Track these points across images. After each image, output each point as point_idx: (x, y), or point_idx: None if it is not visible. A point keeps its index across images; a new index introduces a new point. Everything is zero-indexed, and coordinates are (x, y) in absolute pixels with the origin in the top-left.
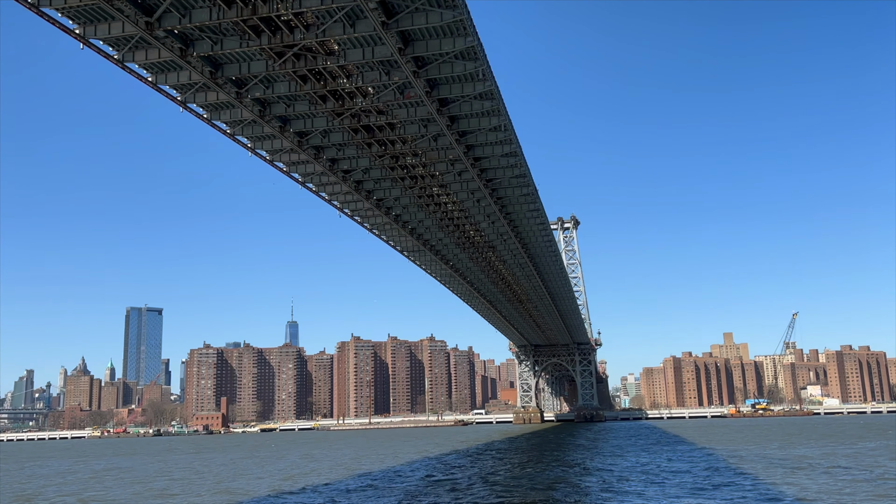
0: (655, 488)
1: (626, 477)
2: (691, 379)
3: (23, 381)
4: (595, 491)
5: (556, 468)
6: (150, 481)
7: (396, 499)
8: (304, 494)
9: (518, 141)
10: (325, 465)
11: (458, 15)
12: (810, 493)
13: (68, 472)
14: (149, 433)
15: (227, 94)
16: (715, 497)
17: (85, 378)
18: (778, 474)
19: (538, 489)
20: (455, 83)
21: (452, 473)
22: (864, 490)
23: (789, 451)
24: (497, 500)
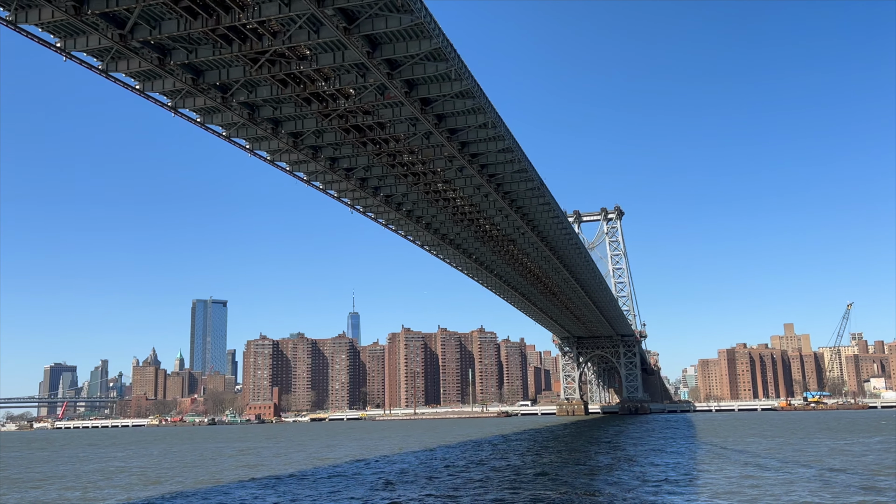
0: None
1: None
2: (745, 371)
3: (98, 371)
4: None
5: (513, 459)
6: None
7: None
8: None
9: (513, 137)
10: (299, 458)
11: (416, 19)
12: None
13: (72, 460)
14: (203, 422)
15: (212, 100)
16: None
17: (150, 368)
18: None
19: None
20: (433, 83)
21: (417, 467)
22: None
23: (785, 447)
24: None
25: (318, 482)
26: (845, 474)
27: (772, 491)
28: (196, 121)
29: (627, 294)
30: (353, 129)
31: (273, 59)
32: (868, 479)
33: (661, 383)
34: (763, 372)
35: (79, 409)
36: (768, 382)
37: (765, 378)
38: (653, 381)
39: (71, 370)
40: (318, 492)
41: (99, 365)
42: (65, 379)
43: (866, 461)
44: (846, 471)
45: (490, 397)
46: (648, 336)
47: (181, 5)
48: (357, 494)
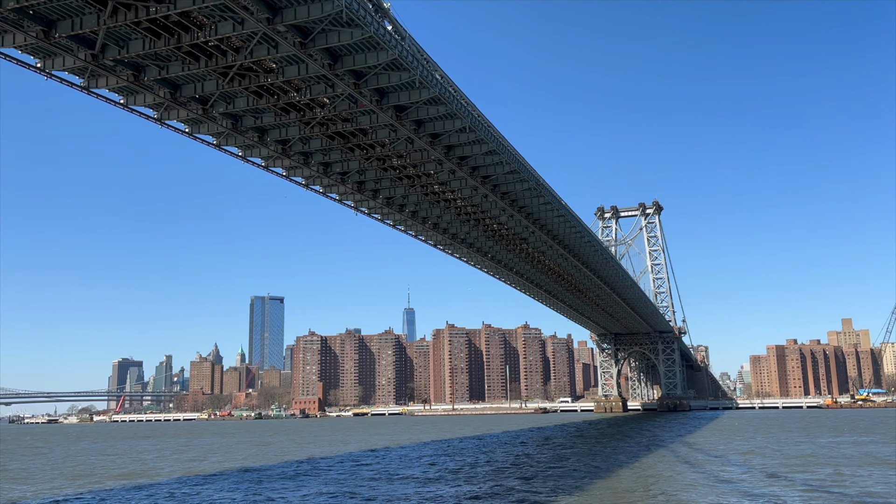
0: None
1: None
2: (796, 368)
3: (163, 366)
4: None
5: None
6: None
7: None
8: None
9: (497, 139)
10: (273, 452)
11: (367, 32)
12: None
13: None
14: (251, 416)
15: (193, 112)
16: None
17: (207, 364)
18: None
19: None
20: (403, 91)
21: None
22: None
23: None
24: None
25: (222, 483)
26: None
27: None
28: (184, 131)
29: (666, 290)
30: (337, 135)
31: (242, 73)
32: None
33: (708, 379)
34: (815, 368)
35: (145, 402)
36: (820, 379)
37: (816, 375)
38: (699, 377)
39: (138, 365)
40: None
41: (164, 360)
42: (132, 374)
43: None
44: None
45: (535, 393)
46: (698, 332)
47: (143, 27)
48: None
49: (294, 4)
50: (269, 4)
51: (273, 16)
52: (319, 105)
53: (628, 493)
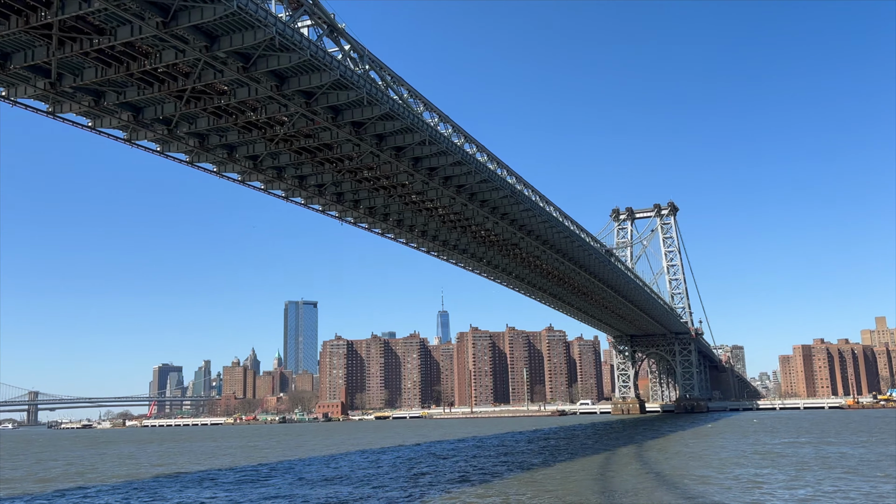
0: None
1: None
2: (823, 367)
3: (202, 371)
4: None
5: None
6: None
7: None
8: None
9: (462, 150)
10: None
11: (303, 56)
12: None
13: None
14: (275, 420)
15: (159, 133)
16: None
17: (239, 369)
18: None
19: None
20: (356, 108)
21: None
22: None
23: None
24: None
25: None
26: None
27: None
28: (156, 150)
29: (683, 291)
30: (304, 150)
31: (197, 96)
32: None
33: (735, 380)
34: (843, 368)
35: (185, 406)
36: (848, 379)
37: (844, 374)
38: (724, 377)
39: (177, 370)
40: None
41: (202, 365)
42: (172, 379)
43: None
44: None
45: (559, 396)
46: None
47: (92, 56)
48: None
49: (230, 33)
50: (206, 33)
51: (211, 44)
52: (279, 123)
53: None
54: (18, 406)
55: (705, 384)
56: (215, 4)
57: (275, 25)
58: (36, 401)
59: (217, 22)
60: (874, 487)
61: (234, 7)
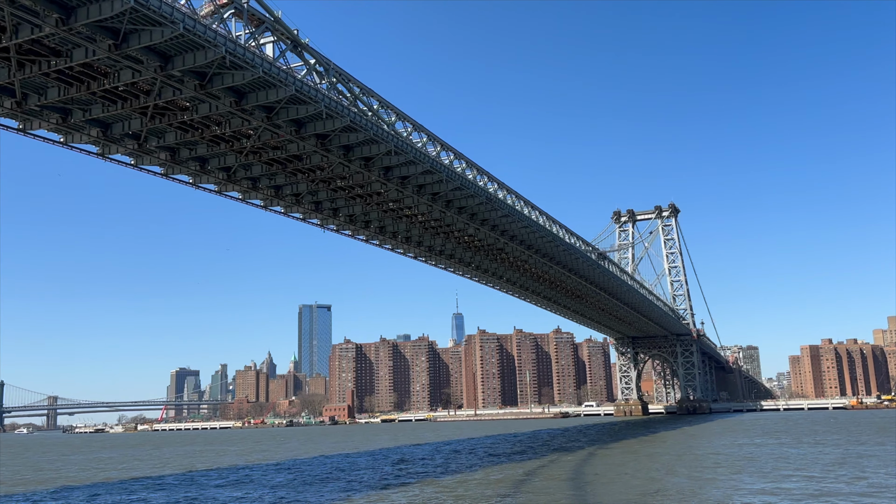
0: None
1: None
2: (831, 368)
3: (218, 375)
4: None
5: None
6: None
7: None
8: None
9: (432, 158)
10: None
11: (256, 73)
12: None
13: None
14: (282, 424)
15: (130, 148)
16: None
17: (251, 372)
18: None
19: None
20: (318, 121)
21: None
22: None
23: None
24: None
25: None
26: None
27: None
28: (130, 164)
29: (684, 292)
30: (275, 162)
31: (161, 112)
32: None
33: (743, 381)
34: (851, 368)
35: (202, 410)
36: (857, 379)
37: (853, 375)
38: (731, 378)
39: (194, 374)
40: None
41: (219, 369)
42: (189, 383)
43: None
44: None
45: (567, 398)
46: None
47: (53, 77)
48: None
49: (182, 53)
50: (159, 54)
51: (165, 63)
52: (245, 136)
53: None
54: (38, 411)
55: (710, 385)
56: (163, 27)
57: (224, 45)
58: (55, 405)
59: (167, 43)
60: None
61: (180, 30)
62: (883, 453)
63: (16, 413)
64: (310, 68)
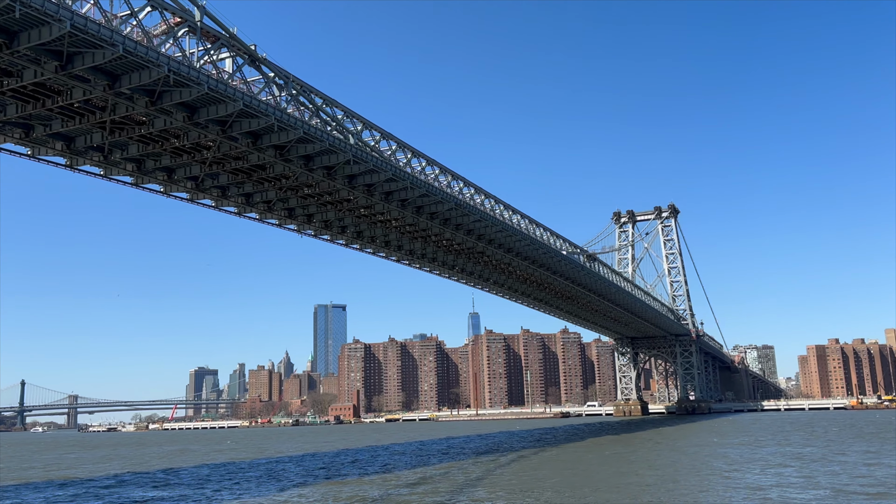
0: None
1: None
2: (837, 368)
3: (236, 374)
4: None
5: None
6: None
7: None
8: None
9: (395, 166)
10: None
11: (202, 90)
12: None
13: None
14: (288, 423)
15: (93, 160)
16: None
17: (264, 372)
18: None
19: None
20: (273, 133)
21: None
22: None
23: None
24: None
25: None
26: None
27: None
28: (100, 175)
29: (684, 292)
30: (240, 171)
31: (120, 126)
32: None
33: (748, 380)
34: (858, 368)
35: (220, 409)
36: (865, 379)
37: (860, 375)
38: (737, 378)
39: (213, 373)
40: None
41: (237, 368)
42: (207, 382)
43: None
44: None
45: (574, 398)
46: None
47: (8, 95)
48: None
49: (129, 72)
50: (106, 73)
51: (113, 82)
52: (205, 147)
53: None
54: (58, 409)
55: (713, 385)
56: (104, 50)
57: (167, 65)
58: (75, 404)
59: (112, 63)
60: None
61: (120, 51)
62: (817, 458)
63: (37, 411)
64: (268, 81)
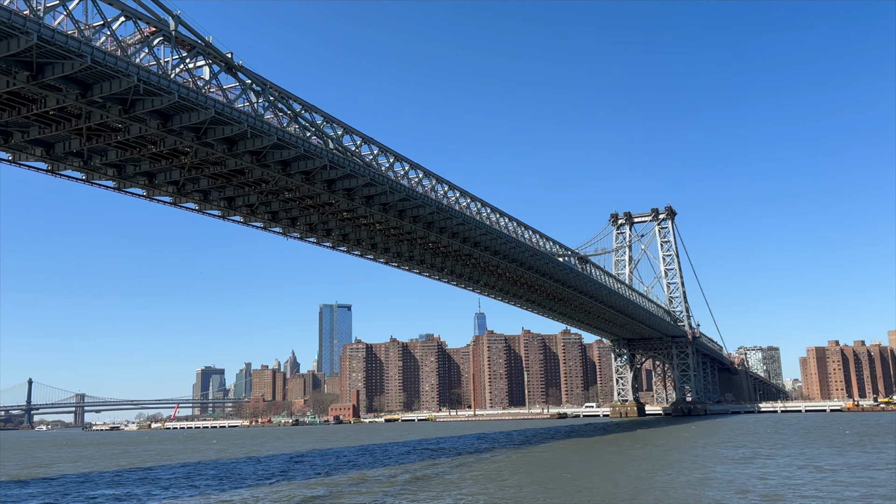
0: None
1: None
2: (837, 370)
3: (242, 373)
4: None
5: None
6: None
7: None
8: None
9: (372, 172)
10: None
11: (173, 98)
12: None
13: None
14: (288, 423)
15: (76, 166)
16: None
17: (268, 372)
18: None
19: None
20: (248, 139)
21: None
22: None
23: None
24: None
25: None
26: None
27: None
28: (82, 180)
29: (680, 294)
30: (219, 176)
31: (97, 133)
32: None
33: (748, 382)
34: (858, 370)
35: (227, 409)
36: (864, 381)
37: (860, 377)
38: (736, 380)
39: (220, 373)
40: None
41: (243, 367)
42: (214, 381)
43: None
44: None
45: (575, 398)
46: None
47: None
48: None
49: (100, 81)
50: (78, 82)
51: (84, 91)
52: (183, 153)
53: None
54: (65, 408)
55: (711, 386)
56: (72, 60)
57: (137, 74)
58: (82, 403)
59: (83, 73)
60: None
61: (88, 62)
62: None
63: (44, 410)
64: (245, 88)
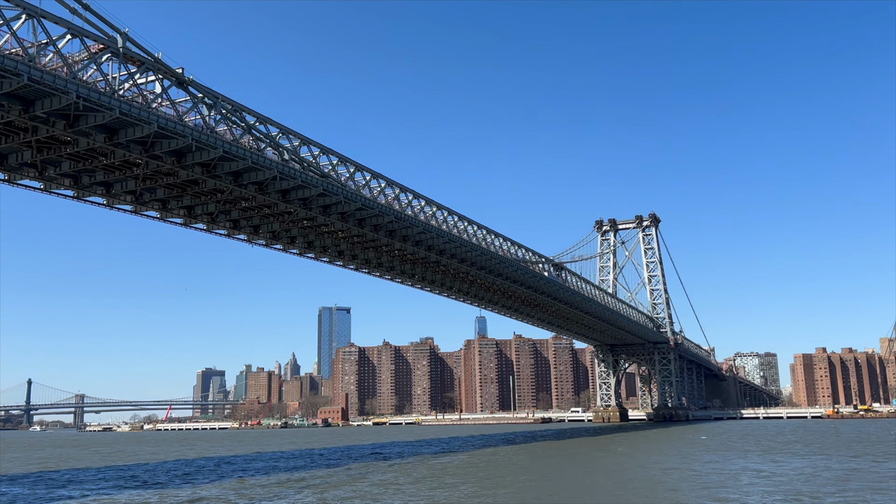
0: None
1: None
2: (824, 377)
3: (242, 375)
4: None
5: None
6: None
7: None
8: None
9: (324, 182)
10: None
11: (113, 115)
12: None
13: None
14: (277, 425)
15: (29, 176)
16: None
17: (263, 374)
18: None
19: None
20: (194, 152)
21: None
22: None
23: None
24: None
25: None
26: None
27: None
28: (40, 188)
29: (663, 301)
30: (175, 186)
31: (47, 145)
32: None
33: (736, 388)
34: (845, 377)
35: (226, 410)
36: (851, 388)
37: (847, 384)
38: (724, 386)
39: (220, 374)
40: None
41: (243, 369)
42: (214, 382)
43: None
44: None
45: (565, 403)
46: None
47: None
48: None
49: (41, 98)
50: (20, 99)
51: (27, 107)
52: (135, 164)
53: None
54: (65, 409)
55: (697, 392)
56: (10, 79)
57: (76, 91)
58: (82, 404)
59: (24, 90)
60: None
61: (24, 80)
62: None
63: (43, 410)
64: (196, 102)
